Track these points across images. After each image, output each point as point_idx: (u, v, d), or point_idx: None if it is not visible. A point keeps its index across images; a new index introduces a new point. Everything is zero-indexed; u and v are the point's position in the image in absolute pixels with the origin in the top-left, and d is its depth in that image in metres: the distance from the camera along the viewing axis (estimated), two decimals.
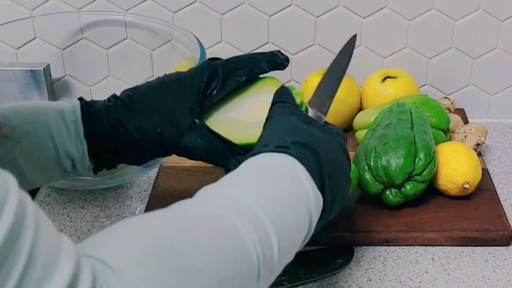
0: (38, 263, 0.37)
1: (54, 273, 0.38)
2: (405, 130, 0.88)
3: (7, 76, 1.06)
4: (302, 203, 0.58)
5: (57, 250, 0.39)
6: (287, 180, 0.58)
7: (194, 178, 0.95)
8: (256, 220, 0.52)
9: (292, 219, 0.56)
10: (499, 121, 1.16)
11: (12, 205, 0.37)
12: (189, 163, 0.98)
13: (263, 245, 0.52)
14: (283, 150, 0.60)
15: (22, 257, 0.36)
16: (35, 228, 0.38)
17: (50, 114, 0.72)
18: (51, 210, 0.93)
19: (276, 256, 0.53)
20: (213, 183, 0.57)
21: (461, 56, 1.13)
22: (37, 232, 0.38)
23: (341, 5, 1.10)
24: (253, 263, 0.51)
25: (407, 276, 0.80)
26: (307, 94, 1.05)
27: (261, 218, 0.53)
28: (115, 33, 1.12)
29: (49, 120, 0.71)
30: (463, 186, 0.88)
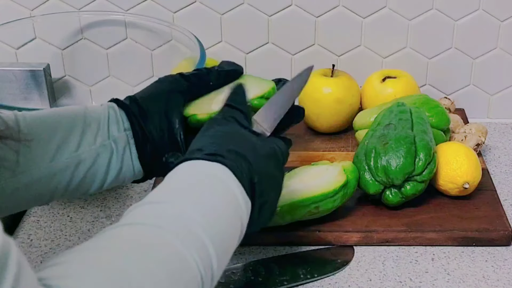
0: None
1: None
2: (405, 130, 0.88)
3: (7, 76, 1.06)
4: (234, 213, 0.60)
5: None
6: (218, 190, 0.60)
7: None
8: (195, 237, 0.54)
9: (227, 232, 0.58)
10: (499, 121, 1.16)
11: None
12: None
13: (204, 261, 0.54)
14: (216, 158, 0.62)
15: None
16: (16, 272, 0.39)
17: None
18: (51, 210, 0.93)
19: (215, 268, 0.56)
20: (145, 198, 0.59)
21: (461, 56, 1.13)
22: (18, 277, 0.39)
23: (341, 5, 1.10)
24: (197, 280, 0.53)
25: (407, 276, 0.80)
26: (307, 94, 1.06)
27: (199, 235, 0.55)
28: (115, 33, 1.13)
29: None
30: (463, 186, 0.88)
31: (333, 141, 1.07)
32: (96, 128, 0.73)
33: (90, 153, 0.72)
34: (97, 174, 0.73)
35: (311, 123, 1.08)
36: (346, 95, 1.04)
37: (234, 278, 0.79)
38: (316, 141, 1.07)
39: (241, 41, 1.13)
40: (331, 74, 1.07)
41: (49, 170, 0.70)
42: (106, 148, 0.73)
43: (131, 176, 0.76)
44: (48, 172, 0.70)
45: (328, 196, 0.83)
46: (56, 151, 0.70)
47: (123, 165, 0.74)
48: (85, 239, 0.87)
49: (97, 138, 0.73)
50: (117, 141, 0.73)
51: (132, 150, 0.74)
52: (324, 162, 0.88)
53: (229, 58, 1.14)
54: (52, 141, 0.70)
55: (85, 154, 0.72)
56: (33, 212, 0.92)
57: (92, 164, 0.72)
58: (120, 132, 0.74)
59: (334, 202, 0.84)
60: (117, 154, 0.74)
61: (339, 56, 1.14)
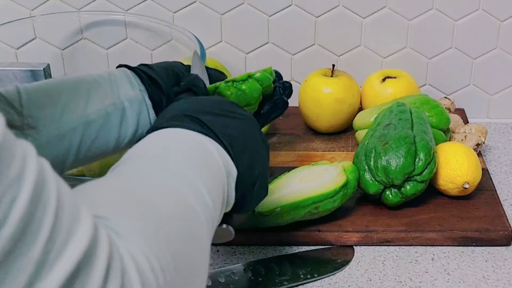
0: (63, 222, 0.38)
1: (77, 232, 0.39)
2: (405, 130, 0.88)
3: (7, 76, 1.06)
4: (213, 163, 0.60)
5: (77, 214, 0.40)
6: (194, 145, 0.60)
7: None
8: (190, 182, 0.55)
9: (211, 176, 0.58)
10: (499, 121, 1.16)
11: (32, 169, 0.37)
12: None
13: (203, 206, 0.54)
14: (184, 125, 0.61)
15: (47, 222, 0.37)
16: (57, 194, 0.38)
17: None
18: None
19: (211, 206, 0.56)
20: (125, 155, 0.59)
21: (461, 56, 1.13)
22: (59, 198, 0.38)
23: (341, 5, 1.10)
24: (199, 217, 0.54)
25: (407, 276, 0.80)
26: (307, 94, 1.06)
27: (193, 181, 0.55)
28: (115, 33, 1.13)
29: None
30: (463, 186, 0.88)
31: (333, 141, 1.07)
32: (104, 89, 0.73)
33: (98, 113, 0.72)
34: (110, 134, 0.73)
35: (311, 123, 1.08)
36: (346, 95, 1.04)
37: (234, 278, 0.79)
38: (316, 141, 1.07)
39: (241, 41, 1.13)
40: (331, 74, 1.07)
41: (57, 131, 0.69)
42: (117, 107, 0.73)
43: None
44: (56, 134, 0.69)
45: (328, 196, 0.83)
46: (61, 113, 0.70)
47: (139, 124, 0.75)
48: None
49: (106, 99, 0.73)
50: (132, 101, 0.74)
51: (150, 110, 0.75)
52: (324, 162, 0.88)
53: (229, 58, 1.15)
54: (57, 104, 0.70)
55: (94, 114, 0.72)
56: None
57: (102, 124, 0.72)
58: (135, 91, 0.75)
59: (334, 202, 0.84)
60: (132, 113, 0.74)
61: (339, 56, 1.14)
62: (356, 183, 0.86)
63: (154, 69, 0.78)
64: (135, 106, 0.75)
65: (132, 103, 0.74)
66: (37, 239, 0.36)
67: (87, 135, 0.72)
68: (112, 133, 0.73)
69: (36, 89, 0.70)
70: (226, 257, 0.83)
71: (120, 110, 0.74)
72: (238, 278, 0.79)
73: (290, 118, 1.09)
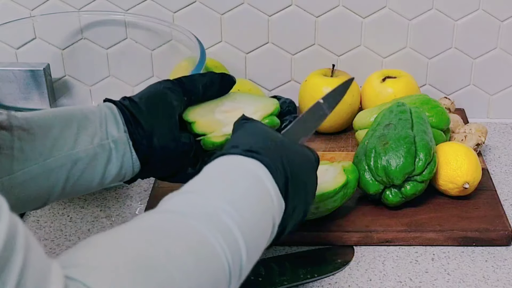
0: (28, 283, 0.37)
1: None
2: (405, 130, 0.88)
3: (7, 76, 1.06)
4: (266, 207, 0.60)
5: (46, 275, 0.39)
6: (252, 184, 0.60)
7: None
8: (225, 227, 0.54)
9: (258, 226, 0.58)
10: (499, 121, 1.16)
11: (2, 229, 0.37)
12: None
13: (232, 251, 0.54)
14: (252, 154, 0.62)
15: (11, 281, 0.36)
16: (25, 252, 0.38)
17: None
18: (51, 210, 0.93)
19: (244, 260, 0.55)
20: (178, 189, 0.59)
21: (461, 56, 1.13)
22: (27, 256, 0.38)
23: (341, 5, 1.10)
24: (224, 270, 0.53)
25: (407, 276, 0.80)
26: (307, 94, 1.06)
27: (228, 225, 0.54)
28: (115, 33, 1.13)
29: None
30: (463, 186, 0.88)
31: (333, 141, 1.07)
32: (93, 127, 0.73)
33: (87, 152, 0.72)
34: (94, 173, 0.73)
35: None
36: (346, 95, 1.04)
37: None
38: (316, 141, 1.07)
39: (241, 41, 1.13)
40: (331, 74, 1.07)
41: (45, 167, 0.69)
42: (104, 148, 0.73)
43: (130, 175, 0.76)
44: (44, 170, 0.69)
45: (328, 196, 0.83)
46: (51, 148, 0.70)
47: (123, 164, 0.74)
48: (85, 239, 0.87)
49: (95, 137, 0.73)
50: (117, 142, 0.74)
51: (132, 151, 0.74)
52: (324, 162, 0.88)
53: (229, 58, 1.15)
54: (47, 138, 0.70)
55: (82, 153, 0.71)
56: (33, 212, 0.92)
57: (89, 162, 0.72)
58: (120, 132, 0.74)
59: (334, 202, 0.84)
60: (116, 154, 0.74)
61: (339, 56, 1.14)
62: (356, 183, 0.86)
63: (137, 103, 0.76)
64: (120, 147, 0.74)
65: (117, 144, 0.74)
66: None
67: (73, 173, 0.71)
68: (97, 173, 0.73)
69: (29, 120, 0.69)
70: None
71: (107, 151, 0.73)
72: None
73: None
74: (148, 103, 0.76)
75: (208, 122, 0.79)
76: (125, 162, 0.74)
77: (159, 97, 0.76)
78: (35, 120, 0.70)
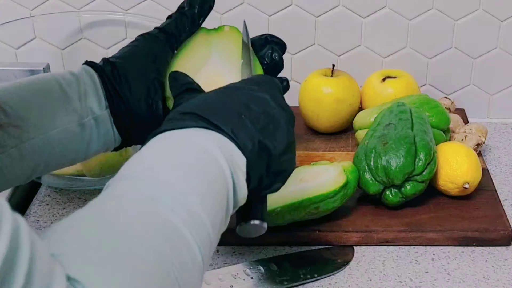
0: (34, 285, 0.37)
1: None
2: (405, 130, 0.88)
3: (7, 76, 1.06)
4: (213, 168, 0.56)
5: (51, 274, 0.39)
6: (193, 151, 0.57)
7: None
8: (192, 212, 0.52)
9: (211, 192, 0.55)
10: (499, 121, 1.16)
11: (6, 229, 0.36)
12: None
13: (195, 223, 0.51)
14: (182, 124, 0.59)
15: (20, 278, 0.36)
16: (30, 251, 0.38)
17: None
18: (51, 210, 0.93)
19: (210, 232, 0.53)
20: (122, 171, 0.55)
21: (461, 56, 1.13)
22: (33, 254, 0.38)
23: (341, 5, 1.10)
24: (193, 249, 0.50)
25: (407, 276, 0.80)
26: (307, 94, 1.05)
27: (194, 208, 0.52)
28: (115, 33, 1.13)
29: None
30: (463, 186, 0.88)
31: (333, 141, 1.07)
32: (73, 103, 0.70)
33: (66, 132, 0.70)
34: (74, 151, 0.72)
35: (311, 123, 1.08)
36: (346, 95, 1.04)
37: (234, 278, 0.79)
38: (316, 141, 1.07)
39: None
40: (331, 74, 1.07)
41: (21, 151, 0.67)
42: (85, 126, 0.71)
43: (112, 147, 0.75)
44: (20, 154, 0.67)
45: (328, 196, 0.83)
46: (27, 131, 0.67)
47: (104, 141, 0.73)
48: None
49: (74, 115, 0.70)
50: (98, 119, 0.72)
51: (114, 127, 0.73)
52: (324, 162, 0.88)
53: None
54: (24, 121, 0.67)
55: (61, 133, 0.70)
56: (33, 212, 0.92)
57: (68, 143, 0.70)
58: (102, 109, 0.72)
59: (334, 203, 0.84)
60: (98, 132, 0.72)
61: (339, 56, 1.14)
62: (356, 183, 0.86)
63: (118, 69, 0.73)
64: (101, 124, 0.72)
65: (98, 121, 0.72)
66: None
67: (52, 154, 0.70)
68: (77, 151, 0.72)
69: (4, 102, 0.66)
70: (226, 257, 0.83)
71: (88, 129, 0.72)
72: (238, 278, 0.79)
73: None
74: (130, 67, 0.74)
75: None
76: (107, 138, 0.73)
77: (142, 58, 0.75)
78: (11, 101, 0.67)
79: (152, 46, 0.76)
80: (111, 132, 0.73)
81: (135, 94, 0.73)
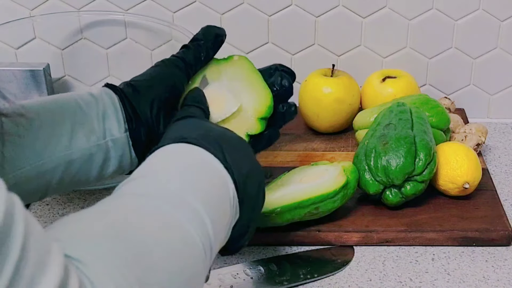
0: (30, 260, 0.37)
1: (46, 271, 0.38)
2: (405, 130, 0.88)
3: (7, 76, 1.06)
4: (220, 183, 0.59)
5: (47, 250, 0.39)
6: (201, 166, 0.59)
7: None
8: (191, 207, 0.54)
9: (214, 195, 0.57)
10: (499, 121, 1.16)
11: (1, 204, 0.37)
12: None
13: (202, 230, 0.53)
14: (186, 140, 0.61)
15: (14, 253, 0.36)
16: (25, 227, 0.38)
17: None
18: (51, 210, 0.93)
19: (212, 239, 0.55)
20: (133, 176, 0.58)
21: (461, 56, 1.13)
22: (27, 230, 0.38)
23: (341, 5, 1.10)
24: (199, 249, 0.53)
25: (407, 276, 0.80)
26: (307, 94, 1.05)
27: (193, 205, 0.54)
28: (115, 33, 1.13)
29: None
30: (463, 186, 0.88)
31: (333, 141, 1.07)
32: (90, 123, 0.71)
33: (82, 152, 0.70)
34: (91, 172, 0.72)
35: (311, 123, 1.08)
36: (346, 95, 1.04)
37: (234, 278, 0.79)
38: (316, 141, 1.07)
39: (241, 41, 1.13)
40: (331, 74, 1.07)
41: (38, 170, 0.68)
42: (101, 147, 0.72)
43: (128, 170, 0.76)
44: (36, 172, 0.68)
45: (328, 197, 0.83)
46: (43, 149, 0.68)
47: (121, 164, 0.74)
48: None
49: (91, 136, 0.71)
50: (116, 141, 0.72)
51: (131, 150, 0.74)
52: (324, 162, 0.88)
53: None
54: (38, 138, 0.67)
55: (77, 153, 0.70)
56: (33, 212, 0.92)
57: (84, 163, 0.71)
58: (121, 132, 0.73)
59: (334, 203, 0.84)
60: (115, 154, 0.73)
61: (339, 56, 1.14)
62: (356, 183, 0.86)
63: (139, 92, 0.75)
64: (119, 147, 0.73)
65: (116, 143, 0.72)
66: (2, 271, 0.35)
67: (67, 173, 0.70)
68: (93, 172, 0.72)
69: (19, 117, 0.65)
70: (226, 257, 0.83)
71: (104, 151, 0.72)
72: (238, 278, 0.79)
73: None
74: (151, 91, 0.75)
75: None
76: (124, 161, 0.74)
77: (162, 83, 0.76)
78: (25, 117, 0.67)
79: (173, 72, 0.77)
80: (128, 154, 0.74)
81: (154, 117, 0.74)
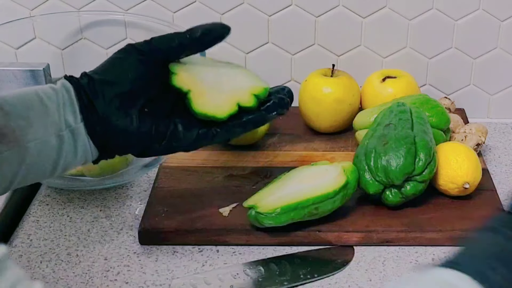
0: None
1: None
2: (405, 130, 0.88)
3: (7, 76, 1.06)
4: None
5: None
6: None
7: (194, 178, 0.95)
8: None
9: None
10: (499, 121, 1.16)
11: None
12: (189, 163, 0.98)
13: None
14: None
15: None
16: None
17: None
18: (51, 210, 0.93)
19: None
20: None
21: (461, 56, 1.13)
22: None
23: (341, 5, 1.10)
24: None
25: None
26: (307, 94, 1.05)
27: None
28: (115, 33, 1.12)
29: None
30: (463, 186, 0.88)
31: (333, 141, 1.06)
32: (51, 116, 0.71)
33: (44, 144, 0.70)
34: (47, 163, 0.71)
35: (311, 123, 1.08)
36: (346, 95, 1.04)
37: (234, 278, 0.79)
38: (316, 141, 1.07)
39: (241, 41, 1.13)
40: (331, 74, 1.07)
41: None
42: (61, 138, 0.71)
43: (90, 159, 0.75)
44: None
45: (328, 197, 0.83)
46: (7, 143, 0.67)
47: (81, 153, 0.73)
48: (84, 239, 0.87)
49: (50, 127, 0.71)
50: (74, 131, 0.72)
51: (88, 138, 0.73)
52: (324, 162, 0.88)
53: (229, 58, 1.14)
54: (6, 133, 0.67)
55: (39, 145, 0.70)
56: (33, 212, 0.92)
57: (47, 153, 0.71)
58: (77, 122, 0.72)
59: (334, 203, 0.84)
60: (74, 143, 0.72)
61: (339, 56, 1.14)
62: (356, 184, 0.86)
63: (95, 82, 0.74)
64: (78, 137, 0.73)
65: (74, 134, 0.72)
66: None
67: (30, 166, 0.70)
68: (56, 163, 0.72)
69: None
70: (226, 257, 0.83)
71: (63, 141, 0.72)
72: (238, 278, 0.79)
73: (290, 118, 1.09)
74: (105, 80, 0.74)
75: (190, 77, 0.77)
76: (85, 151, 0.73)
77: (116, 70, 0.75)
78: None
79: (127, 58, 0.76)
80: (88, 144, 0.74)
81: (110, 106, 0.73)
